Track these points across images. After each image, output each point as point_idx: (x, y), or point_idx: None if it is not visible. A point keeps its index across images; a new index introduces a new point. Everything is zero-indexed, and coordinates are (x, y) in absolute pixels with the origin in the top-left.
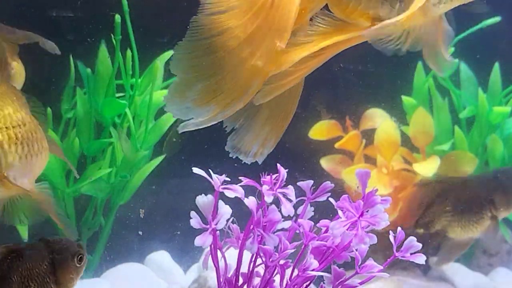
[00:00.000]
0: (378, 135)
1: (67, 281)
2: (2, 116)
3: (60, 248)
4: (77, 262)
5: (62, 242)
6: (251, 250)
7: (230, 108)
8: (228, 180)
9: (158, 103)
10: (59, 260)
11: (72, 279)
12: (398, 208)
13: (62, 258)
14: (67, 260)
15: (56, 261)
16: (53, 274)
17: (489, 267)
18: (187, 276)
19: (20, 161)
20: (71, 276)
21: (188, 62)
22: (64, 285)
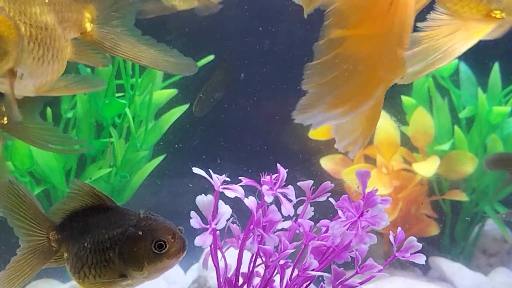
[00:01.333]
0: (378, 135)
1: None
2: (29, 13)
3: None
4: (155, 248)
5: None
6: (251, 250)
7: (356, 111)
8: (228, 180)
9: (158, 103)
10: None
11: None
12: (398, 208)
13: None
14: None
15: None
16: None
17: (489, 267)
18: (187, 276)
19: (33, 62)
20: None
21: (319, 79)
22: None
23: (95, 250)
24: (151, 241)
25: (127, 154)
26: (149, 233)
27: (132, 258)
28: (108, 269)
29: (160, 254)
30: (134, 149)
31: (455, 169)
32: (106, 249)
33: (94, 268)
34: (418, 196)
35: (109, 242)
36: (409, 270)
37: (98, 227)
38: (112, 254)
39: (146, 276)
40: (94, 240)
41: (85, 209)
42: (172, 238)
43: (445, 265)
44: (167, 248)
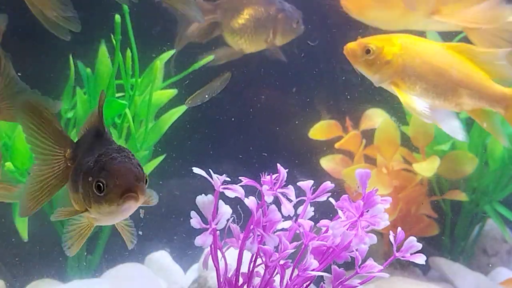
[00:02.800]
0: (378, 135)
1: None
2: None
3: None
4: (96, 190)
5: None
6: (251, 250)
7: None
8: (228, 180)
9: (158, 103)
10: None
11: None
12: (398, 208)
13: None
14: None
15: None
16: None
17: (489, 267)
18: (187, 276)
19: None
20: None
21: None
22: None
23: (73, 174)
24: (94, 181)
25: None
26: (96, 170)
27: (84, 192)
28: (78, 197)
29: (100, 196)
30: (134, 149)
31: (455, 169)
32: (77, 175)
33: (72, 192)
34: (418, 196)
35: (79, 169)
36: (409, 270)
37: (84, 153)
38: (80, 183)
39: (95, 215)
40: (75, 166)
41: (89, 131)
42: (114, 182)
43: (445, 265)
44: (105, 192)
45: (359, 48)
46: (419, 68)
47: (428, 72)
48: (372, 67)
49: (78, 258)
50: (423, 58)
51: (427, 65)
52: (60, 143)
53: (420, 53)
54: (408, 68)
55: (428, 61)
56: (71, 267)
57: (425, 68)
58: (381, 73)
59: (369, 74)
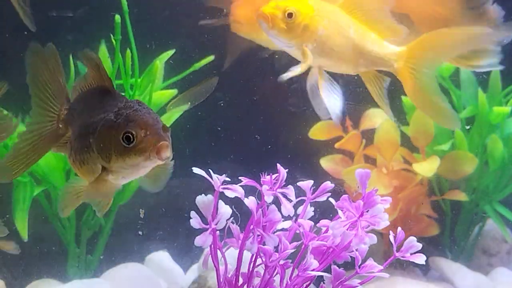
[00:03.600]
0: (378, 135)
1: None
2: None
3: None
4: (123, 141)
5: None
6: (251, 250)
7: None
8: (228, 180)
9: (158, 103)
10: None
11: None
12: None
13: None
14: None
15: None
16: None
17: (489, 267)
18: (187, 276)
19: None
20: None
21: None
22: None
23: (80, 135)
24: (121, 132)
25: None
26: (122, 122)
27: (103, 147)
28: (89, 157)
29: (127, 147)
30: None
31: (455, 169)
32: (88, 134)
33: (79, 154)
34: (418, 196)
35: (91, 127)
36: (409, 270)
37: (90, 111)
38: (91, 140)
39: (116, 169)
40: (81, 125)
41: (89, 90)
42: (144, 133)
43: (445, 265)
44: (135, 143)
45: (279, 12)
46: (327, 30)
47: (334, 33)
48: (292, 33)
49: (78, 258)
50: (330, 19)
51: (333, 26)
52: (57, 98)
53: (327, 14)
54: (320, 31)
55: (333, 21)
56: (71, 267)
57: (332, 29)
58: (298, 38)
59: (287, 41)
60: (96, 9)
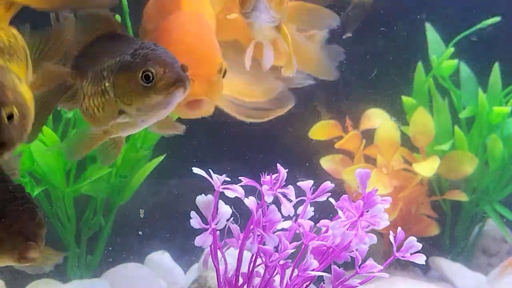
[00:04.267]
0: (378, 135)
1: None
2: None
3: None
4: (143, 80)
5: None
6: (251, 250)
7: None
8: (228, 180)
9: None
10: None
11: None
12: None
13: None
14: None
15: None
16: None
17: (489, 267)
18: (187, 276)
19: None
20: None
21: None
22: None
23: (94, 79)
24: (139, 72)
25: (127, 154)
26: (139, 61)
27: (122, 89)
28: (105, 102)
29: (147, 87)
30: (134, 149)
31: (455, 169)
32: (103, 78)
33: (94, 99)
34: (418, 196)
35: (106, 71)
36: (409, 270)
37: (103, 56)
38: (108, 84)
39: (136, 112)
40: (95, 70)
41: (98, 39)
42: (163, 71)
43: (445, 265)
44: (154, 81)
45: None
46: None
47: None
48: (283, 4)
49: (78, 258)
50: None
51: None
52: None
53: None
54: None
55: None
56: (71, 267)
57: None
58: (284, 13)
59: (277, 14)
60: None
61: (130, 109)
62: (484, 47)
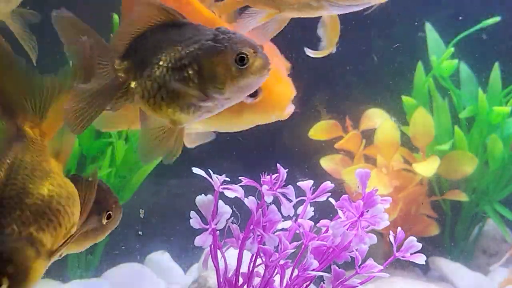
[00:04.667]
0: (378, 135)
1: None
2: None
3: None
4: (236, 62)
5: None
6: (251, 250)
7: None
8: (228, 180)
9: None
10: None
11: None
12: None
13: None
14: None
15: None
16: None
17: (489, 267)
18: (187, 276)
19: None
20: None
21: None
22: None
23: (172, 68)
24: (233, 55)
25: (126, 154)
26: (229, 46)
27: (212, 75)
28: (186, 90)
29: (242, 69)
30: (134, 149)
31: (455, 169)
32: (184, 66)
33: (172, 89)
34: (418, 196)
35: (187, 59)
36: (409, 270)
37: (172, 44)
38: (191, 71)
39: (227, 96)
40: (169, 58)
41: (153, 29)
42: (254, 52)
43: (445, 265)
44: (249, 63)
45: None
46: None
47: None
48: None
49: (78, 258)
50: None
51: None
52: (103, 54)
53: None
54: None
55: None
56: (71, 267)
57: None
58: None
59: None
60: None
61: (219, 93)
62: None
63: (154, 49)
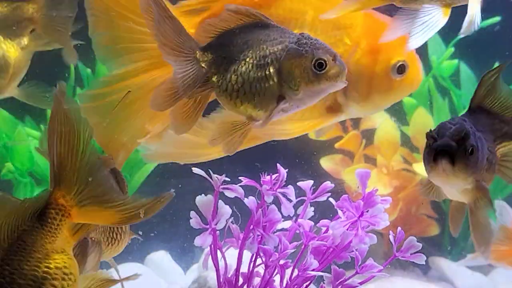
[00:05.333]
0: (378, 135)
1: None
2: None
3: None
4: (314, 67)
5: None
6: (251, 250)
7: None
8: (228, 180)
9: None
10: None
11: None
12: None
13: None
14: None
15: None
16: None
17: (489, 267)
18: (187, 276)
19: None
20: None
21: None
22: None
23: (257, 65)
24: (312, 59)
25: None
26: (310, 50)
27: (290, 75)
28: (267, 87)
29: (319, 74)
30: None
31: None
32: (267, 64)
33: (255, 85)
34: (418, 196)
35: (270, 57)
36: (409, 270)
37: (258, 43)
38: (272, 70)
39: (300, 97)
40: (255, 55)
41: (241, 28)
42: (333, 59)
43: (445, 265)
44: (326, 69)
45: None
46: None
47: None
48: None
49: None
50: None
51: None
52: (185, 44)
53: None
54: None
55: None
56: None
57: None
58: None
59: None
60: None
61: (294, 94)
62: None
63: (242, 46)
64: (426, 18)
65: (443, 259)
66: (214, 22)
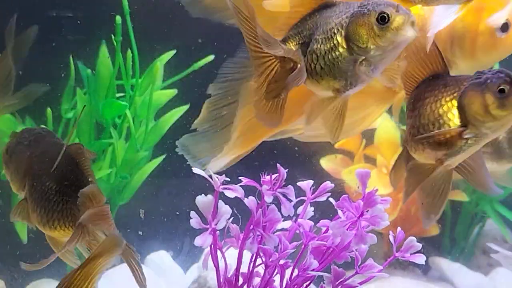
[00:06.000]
0: (378, 135)
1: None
2: None
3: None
4: (378, 21)
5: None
6: (251, 250)
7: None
8: (228, 180)
9: (158, 103)
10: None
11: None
12: (398, 208)
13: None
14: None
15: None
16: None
17: (489, 267)
18: (187, 276)
19: None
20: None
21: None
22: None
23: (326, 38)
24: (374, 15)
25: (127, 155)
26: (371, 8)
27: (358, 37)
28: (338, 55)
29: (384, 27)
30: (134, 149)
31: None
32: (334, 34)
33: (328, 57)
34: None
35: (336, 27)
36: (409, 270)
37: (326, 20)
38: (339, 38)
39: (374, 55)
40: (323, 30)
41: (310, 13)
42: (396, 11)
43: (445, 265)
44: (390, 20)
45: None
46: None
47: None
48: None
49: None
50: None
51: None
52: (269, 41)
53: None
54: None
55: None
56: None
57: None
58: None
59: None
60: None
61: (366, 53)
62: None
63: (312, 28)
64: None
65: (443, 259)
66: (285, 17)
